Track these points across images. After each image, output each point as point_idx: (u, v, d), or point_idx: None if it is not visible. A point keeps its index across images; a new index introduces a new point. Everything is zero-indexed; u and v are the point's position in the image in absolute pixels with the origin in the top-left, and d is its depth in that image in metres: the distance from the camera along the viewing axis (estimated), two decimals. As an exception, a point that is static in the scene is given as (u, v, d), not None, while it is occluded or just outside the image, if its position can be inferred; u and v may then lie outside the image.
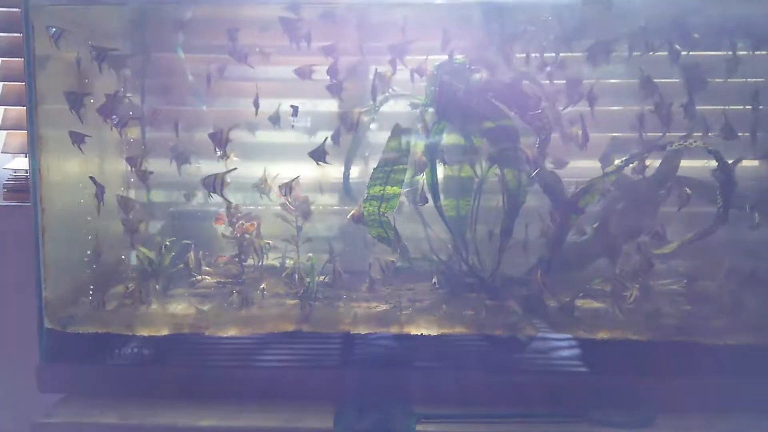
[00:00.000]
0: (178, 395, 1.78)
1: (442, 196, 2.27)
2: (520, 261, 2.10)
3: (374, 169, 1.85)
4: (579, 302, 2.06)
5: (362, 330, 1.85)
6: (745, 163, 1.87)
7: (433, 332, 1.85)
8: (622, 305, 1.86)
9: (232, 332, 1.84)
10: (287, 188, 2.17)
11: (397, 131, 1.78)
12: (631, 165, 1.92)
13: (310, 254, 2.17)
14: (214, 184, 1.80)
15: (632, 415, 1.66)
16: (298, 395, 1.76)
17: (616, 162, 1.90)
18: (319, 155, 1.85)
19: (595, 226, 2.07)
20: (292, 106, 2.02)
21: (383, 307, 2.03)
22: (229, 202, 1.96)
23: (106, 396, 1.79)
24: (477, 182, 2.16)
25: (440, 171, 2.23)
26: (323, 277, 2.13)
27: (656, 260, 2.00)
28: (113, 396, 1.79)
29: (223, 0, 2.17)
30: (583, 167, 2.06)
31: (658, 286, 2.09)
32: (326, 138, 1.90)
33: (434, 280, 2.04)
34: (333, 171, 2.27)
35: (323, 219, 2.32)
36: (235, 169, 1.89)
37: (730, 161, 1.81)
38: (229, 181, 1.85)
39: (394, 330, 1.86)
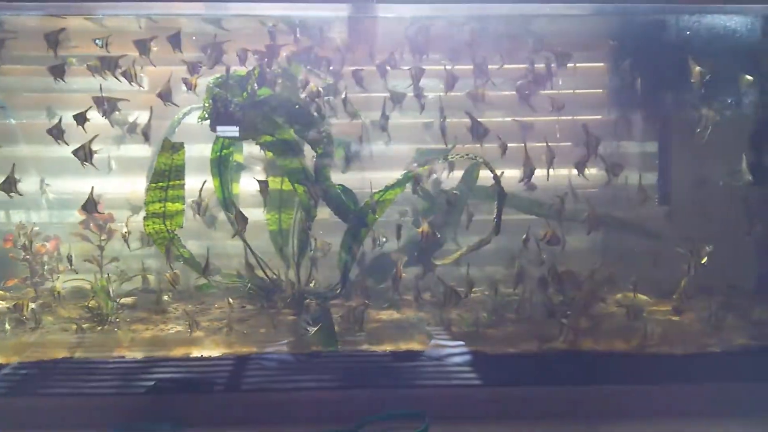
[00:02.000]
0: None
1: (264, 210, 2.25)
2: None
3: (147, 185, 1.78)
4: (382, 314, 2.07)
5: (138, 354, 1.77)
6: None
7: (215, 353, 1.79)
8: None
9: (-6, 361, 1.72)
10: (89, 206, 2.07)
11: (167, 146, 1.71)
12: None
13: (107, 274, 2.07)
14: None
15: (407, 428, 1.65)
16: (65, 424, 1.66)
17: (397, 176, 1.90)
18: (90, 207, 1.77)
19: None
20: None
21: (178, 328, 1.96)
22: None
23: None
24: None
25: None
26: (122, 299, 2.05)
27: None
28: None
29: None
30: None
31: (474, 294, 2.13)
32: (92, 187, 1.81)
33: (228, 299, 1.96)
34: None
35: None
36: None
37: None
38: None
39: (175, 353, 1.79)
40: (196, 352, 1.79)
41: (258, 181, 1.86)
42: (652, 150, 2.35)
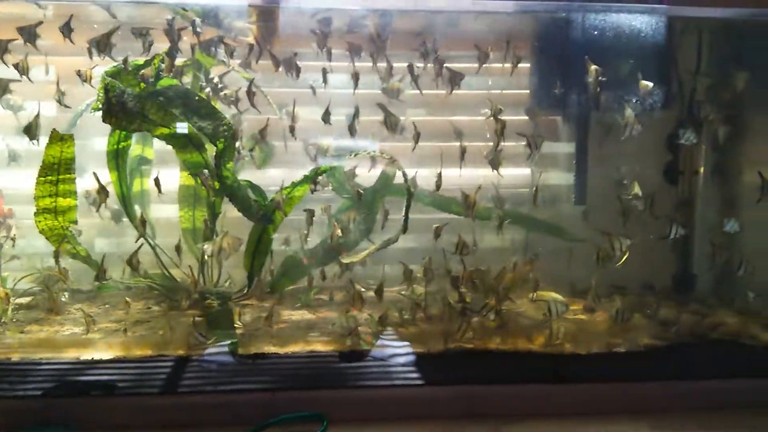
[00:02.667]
0: None
1: (178, 206, 2.17)
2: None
3: (36, 179, 1.69)
4: (292, 314, 2.02)
5: (26, 356, 1.68)
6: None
7: (107, 355, 1.71)
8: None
9: None
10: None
11: (56, 138, 1.63)
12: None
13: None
14: None
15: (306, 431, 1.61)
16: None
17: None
18: None
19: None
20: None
21: (74, 329, 1.87)
22: None
23: None
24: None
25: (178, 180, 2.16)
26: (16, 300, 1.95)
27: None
28: None
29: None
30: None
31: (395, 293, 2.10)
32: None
33: (126, 299, 1.88)
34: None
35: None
36: None
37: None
38: None
39: (65, 355, 1.70)
40: (87, 355, 1.71)
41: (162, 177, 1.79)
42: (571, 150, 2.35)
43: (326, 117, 1.83)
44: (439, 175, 1.85)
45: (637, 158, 2.12)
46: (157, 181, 1.73)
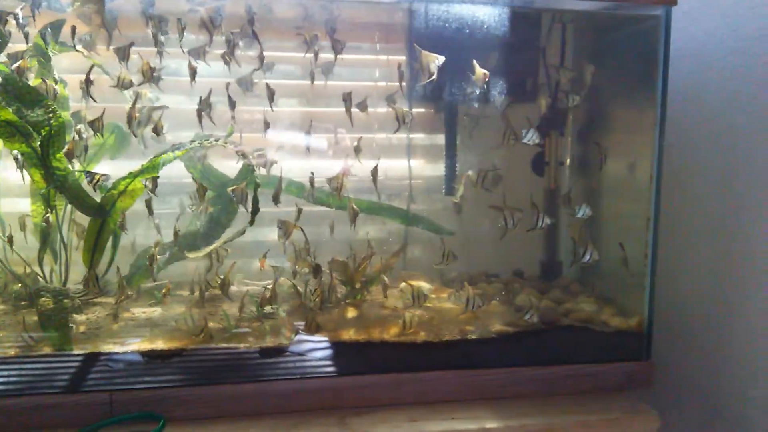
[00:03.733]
0: None
1: (29, 201, 2.06)
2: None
3: None
4: (144, 311, 1.95)
5: None
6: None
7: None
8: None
9: None
10: None
11: None
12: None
13: None
14: None
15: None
16: None
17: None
18: None
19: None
20: None
21: None
22: None
23: None
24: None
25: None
26: None
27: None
28: None
29: None
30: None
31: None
32: None
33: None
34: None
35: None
36: None
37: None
38: None
39: None
40: None
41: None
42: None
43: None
44: (281, 171, 1.84)
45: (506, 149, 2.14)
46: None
